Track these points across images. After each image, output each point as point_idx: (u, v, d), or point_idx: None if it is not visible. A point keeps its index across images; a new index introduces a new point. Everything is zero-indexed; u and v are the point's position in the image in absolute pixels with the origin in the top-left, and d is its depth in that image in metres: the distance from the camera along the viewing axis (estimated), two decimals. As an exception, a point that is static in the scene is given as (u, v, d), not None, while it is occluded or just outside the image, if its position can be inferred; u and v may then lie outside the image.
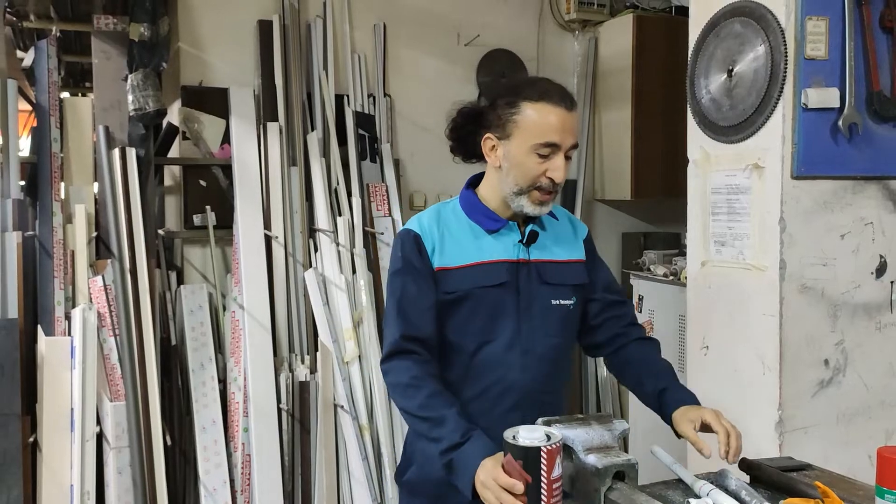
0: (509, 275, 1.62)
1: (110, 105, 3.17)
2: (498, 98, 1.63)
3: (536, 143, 1.56)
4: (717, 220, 2.34)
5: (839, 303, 2.20)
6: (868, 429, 2.24)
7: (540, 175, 1.58)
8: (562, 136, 1.56)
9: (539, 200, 1.60)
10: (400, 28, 3.73)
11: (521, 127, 1.58)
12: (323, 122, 3.47)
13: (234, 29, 3.42)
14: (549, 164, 1.57)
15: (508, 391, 1.61)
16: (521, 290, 1.63)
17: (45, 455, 2.72)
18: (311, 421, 3.14)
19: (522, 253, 1.65)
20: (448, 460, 1.47)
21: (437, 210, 1.70)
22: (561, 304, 1.66)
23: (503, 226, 1.65)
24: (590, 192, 4.09)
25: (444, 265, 1.61)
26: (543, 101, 1.57)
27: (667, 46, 3.68)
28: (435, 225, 1.65)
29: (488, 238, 1.64)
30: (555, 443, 1.26)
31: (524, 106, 1.58)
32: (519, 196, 1.60)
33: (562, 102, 1.58)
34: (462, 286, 1.60)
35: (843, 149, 2.15)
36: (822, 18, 2.09)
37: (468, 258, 1.62)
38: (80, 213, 2.96)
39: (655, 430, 3.32)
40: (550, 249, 1.68)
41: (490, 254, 1.63)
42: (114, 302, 2.88)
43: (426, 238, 1.63)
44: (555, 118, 1.56)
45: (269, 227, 3.25)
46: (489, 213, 1.66)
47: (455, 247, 1.63)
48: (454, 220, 1.67)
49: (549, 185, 1.59)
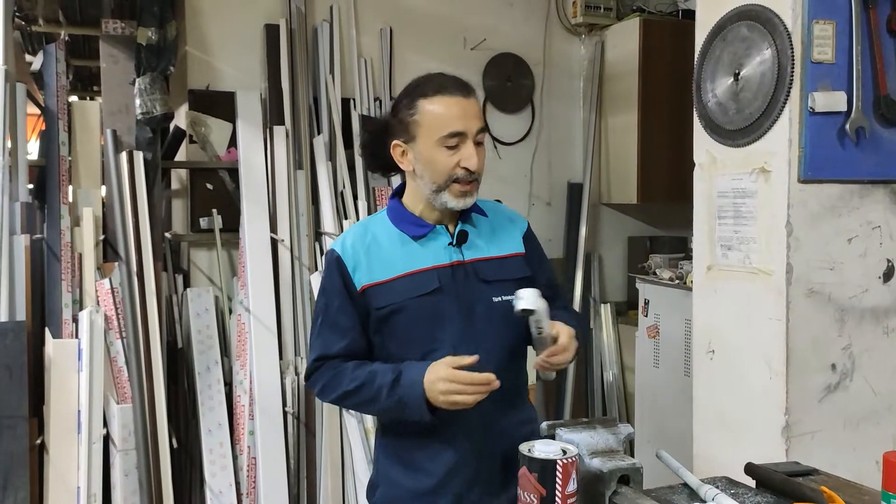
0: (443, 280, 1.59)
1: (118, 109, 3.18)
2: (397, 104, 1.63)
3: (441, 136, 1.54)
4: (723, 223, 2.34)
5: (846, 307, 2.19)
6: (875, 434, 2.23)
7: (454, 167, 1.55)
8: (465, 123, 1.55)
9: (460, 192, 1.58)
10: (406, 32, 3.74)
11: (423, 125, 1.56)
12: (329, 125, 3.48)
13: (241, 33, 3.43)
14: (460, 153, 1.55)
15: None
16: (460, 292, 1.60)
17: (52, 457, 2.72)
18: (316, 424, 3.14)
19: (455, 255, 1.61)
20: (395, 401, 1.51)
21: (365, 225, 1.69)
22: (503, 301, 1.61)
23: (430, 230, 1.62)
24: (596, 196, 4.08)
25: (372, 281, 1.59)
26: (439, 94, 1.56)
27: (673, 50, 3.68)
28: (360, 241, 1.63)
29: (416, 246, 1.61)
30: (571, 457, 1.25)
31: (421, 104, 1.57)
32: (439, 193, 1.58)
33: (458, 91, 1.57)
34: (393, 299, 1.57)
35: (851, 153, 2.14)
36: (829, 22, 2.09)
37: (397, 270, 1.59)
38: (88, 217, 2.97)
39: (660, 435, 3.32)
40: (485, 247, 1.65)
41: (420, 262, 1.60)
42: (121, 305, 2.89)
43: (347, 258, 1.61)
44: (455, 107, 1.55)
45: (275, 231, 3.26)
46: (415, 219, 1.64)
47: (383, 260, 1.60)
48: (382, 232, 1.64)
49: (465, 175, 1.56)
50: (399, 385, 1.51)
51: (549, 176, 4.09)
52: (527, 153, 4.04)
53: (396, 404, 1.52)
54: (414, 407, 1.49)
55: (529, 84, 4.01)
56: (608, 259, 4.17)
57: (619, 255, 4.19)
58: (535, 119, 4.05)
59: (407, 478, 1.62)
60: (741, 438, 2.27)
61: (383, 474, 1.68)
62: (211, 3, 3.40)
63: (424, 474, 1.61)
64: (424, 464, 1.61)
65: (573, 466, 1.25)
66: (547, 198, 4.10)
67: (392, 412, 1.57)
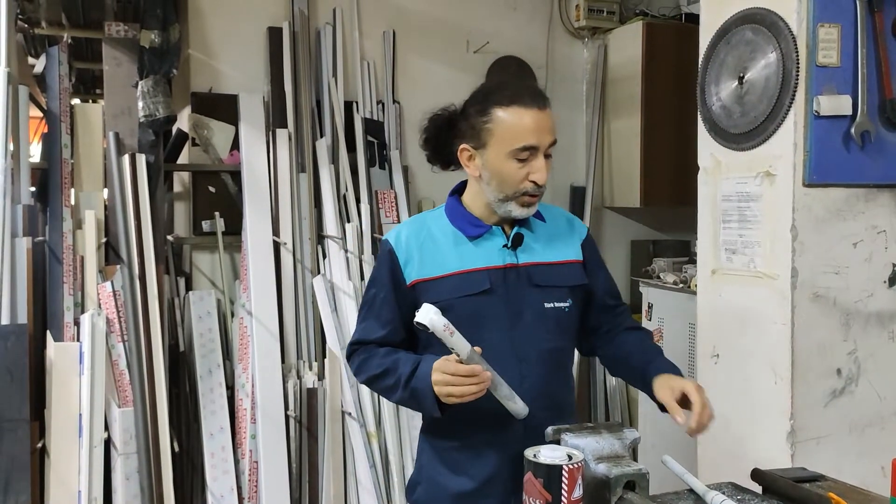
0: (494, 281, 1.58)
1: (120, 111, 3.17)
2: (468, 106, 1.60)
3: (514, 149, 1.53)
4: (727, 227, 2.33)
5: (851, 311, 2.18)
6: (881, 439, 2.22)
7: (522, 180, 1.54)
8: (538, 137, 1.53)
9: (526, 203, 1.58)
10: (409, 35, 3.74)
11: (495, 134, 1.54)
12: (332, 128, 3.47)
13: (243, 36, 3.43)
14: (530, 167, 1.54)
15: None
16: (510, 295, 1.59)
17: (53, 461, 2.72)
18: (318, 428, 3.13)
19: (510, 257, 1.60)
20: (409, 392, 1.52)
21: (422, 219, 1.68)
22: (555, 307, 1.61)
23: (486, 231, 1.62)
24: (599, 200, 4.08)
25: (423, 277, 1.59)
26: (515, 105, 1.53)
27: (676, 53, 3.67)
28: (415, 236, 1.63)
29: (470, 245, 1.61)
30: (577, 462, 1.24)
31: (496, 112, 1.54)
32: (505, 202, 1.57)
33: (534, 103, 1.54)
34: (442, 296, 1.55)
35: (856, 156, 2.13)
36: (834, 25, 2.08)
37: (449, 267, 1.59)
38: (90, 219, 2.97)
39: (666, 440, 3.31)
40: (541, 251, 1.64)
41: (472, 262, 1.59)
42: (122, 308, 2.88)
43: (400, 252, 1.61)
44: (529, 120, 1.52)
45: (277, 234, 3.25)
46: (473, 219, 1.63)
47: (436, 257, 1.60)
48: (437, 228, 1.64)
49: (533, 189, 1.56)
50: (414, 377, 1.51)
51: (552, 179, 3.98)
52: (530, 156, 4.02)
53: (411, 396, 1.53)
54: (425, 400, 1.49)
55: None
56: (611, 263, 4.11)
57: (623, 258, 4.18)
58: (537, 122, 4.03)
59: (449, 479, 1.62)
60: (746, 444, 2.26)
61: (426, 474, 1.67)
62: (214, 6, 3.40)
63: (467, 477, 1.61)
64: (467, 467, 1.61)
65: (579, 472, 1.24)
66: (550, 201, 4.07)
67: (409, 403, 1.58)
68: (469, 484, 1.60)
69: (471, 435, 1.59)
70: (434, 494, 1.65)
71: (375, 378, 1.61)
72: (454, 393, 1.42)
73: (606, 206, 4.12)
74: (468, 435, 1.59)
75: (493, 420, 1.56)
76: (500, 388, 1.47)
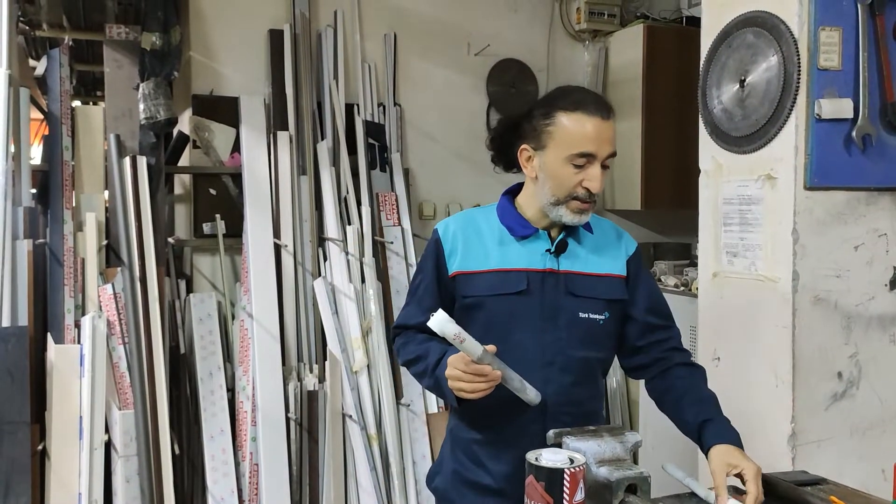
0: (532, 284, 1.59)
1: (121, 114, 3.18)
2: (534, 109, 1.62)
3: (572, 154, 1.54)
4: (728, 230, 2.33)
5: (853, 315, 2.18)
6: (882, 442, 2.22)
7: (576, 185, 1.56)
8: (597, 146, 1.55)
9: (578, 209, 1.58)
10: (410, 38, 3.74)
11: (555, 137, 1.56)
12: (333, 131, 3.47)
13: (245, 38, 3.43)
14: (585, 174, 1.55)
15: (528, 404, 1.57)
16: (546, 300, 1.60)
17: (53, 463, 2.72)
18: (319, 430, 3.13)
19: (550, 262, 1.61)
20: (434, 381, 1.56)
21: (473, 214, 1.72)
22: (590, 318, 1.61)
23: (533, 233, 1.63)
24: (600, 202, 4.08)
25: (463, 269, 1.63)
26: (579, 111, 1.55)
27: (677, 56, 3.68)
28: (462, 229, 1.66)
29: (515, 245, 1.63)
30: (579, 465, 1.24)
31: (559, 116, 1.56)
32: (557, 206, 1.59)
33: (598, 112, 1.56)
34: (479, 291, 1.61)
35: (857, 160, 2.13)
36: (835, 29, 2.08)
37: (489, 264, 1.61)
38: (91, 221, 2.97)
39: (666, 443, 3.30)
40: (583, 261, 1.64)
41: (514, 261, 1.61)
42: (123, 310, 2.88)
43: (446, 242, 1.65)
44: (590, 127, 1.54)
45: (278, 236, 3.25)
46: (522, 220, 1.65)
47: (479, 252, 1.63)
48: (486, 224, 1.67)
49: (585, 195, 1.57)
50: (439, 366, 1.54)
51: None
52: (530, 159, 4.03)
53: (435, 384, 1.57)
54: (444, 390, 1.52)
55: (533, 90, 4.00)
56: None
57: (623, 261, 4.18)
58: (538, 125, 4.04)
59: (469, 470, 1.66)
60: (747, 447, 2.24)
61: (446, 465, 1.71)
62: (215, 9, 3.40)
63: (486, 473, 1.63)
64: (488, 463, 1.63)
65: (581, 475, 1.24)
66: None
67: (434, 390, 1.62)
68: (487, 478, 1.63)
69: (492, 432, 1.62)
70: (453, 483, 1.68)
71: (410, 363, 1.66)
72: (464, 389, 1.45)
73: (607, 209, 4.12)
74: (490, 432, 1.62)
75: (512, 420, 1.58)
76: (512, 382, 1.48)
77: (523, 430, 1.58)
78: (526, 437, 1.57)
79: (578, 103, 1.56)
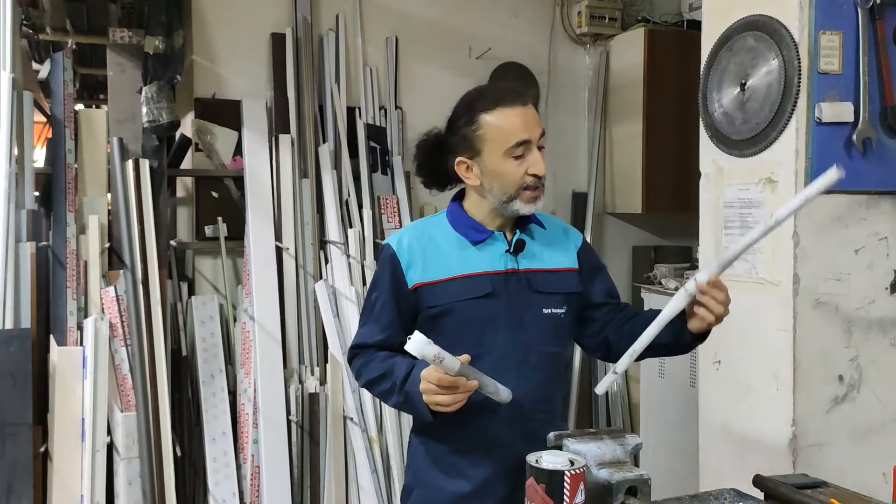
0: (496, 285, 1.60)
1: (124, 117, 3.20)
2: (454, 122, 1.64)
3: (508, 148, 1.56)
4: (729, 234, 2.33)
5: (853, 318, 2.18)
6: (883, 445, 2.22)
7: (523, 175, 1.58)
8: (528, 131, 1.57)
9: (531, 198, 1.60)
10: (412, 41, 3.75)
11: (488, 139, 1.58)
12: (335, 134, 3.48)
13: (247, 42, 3.44)
14: (527, 161, 1.57)
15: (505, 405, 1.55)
16: (512, 300, 1.61)
17: (55, 465, 2.72)
18: (320, 433, 3.13)
19: (511, 262, 1.63)
20: (403, 397, 1.53)
21: (424, 224, 1.71)
22: (553, 313, 1.64)
23: (489, 236, 1.64)
24: (601, 206, 4.08)
25: (426, 280, 1.61)
26: (499, 107, 1.58)
27: (678, 60, 3.68)
28: (417, 240, 1.65)
29: (473, 250, 1.63)
30: (579, 468, 1.25)
31: (483, 118, 1.58)
32: (510, 202, 1.60)
33: (516, 100, 1.59)
34: (445, 299, 1.59)
35: (857, 163, 2.14)
36: (835, 33, 2.09)
37: (451, 271, 1.61)
38: (94, 224, 2.97)
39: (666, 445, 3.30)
40: (541, 258, 1.66)
41: (475, 266, 1.61)
42: (125, 312, 2.89)
43: (402, 256, 1.63)
44: (516, 117, 1.57)
45: (280, 239, 3.26)
46: (475, 224, 1.65)
47: (439, 261, 1.62)
48: (440, 233, 1.66)
49: (534, 182, 1.59)
50: (408, 381, 1.52)
51: (553, 185, 4.09)
52: (532, 162, 4.03)
53: (405, 400, 1.54)
54: (417, 405, 1.50)
55: (534, 93, 4.00)
56: (613, 269, 4.09)
57: (624, 264, 4.18)
58: (539, 128, 4.04)
59: (445, 482, 1.63)
60: (748, 450, 2.26)
61: (420, 478, 1.68)
62: (218, 13, 3.41)
63: (463, 479, 1.62)
64: (463, 469, 1.62)
65: (581, 477, 1.25)
66: (552, 207, 4.09)
67: (404, 407, 1.59)
68: (466, 486, 1.61)
69: (466, 438, 1.60)
70: (430, 498, 1.65)
71: (373, 382, 1.62)
72: (441, 402, 1.43)
73: (608, 213, 4.12)
74: (463, 438, 1.61)
75: (489, 423, 1.57)
76: (487, 387, 1.47)
77: (501, 433, 1.58)
78: (505, 439, 1.58)
79: (496, 100, 1.59)
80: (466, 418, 1.55)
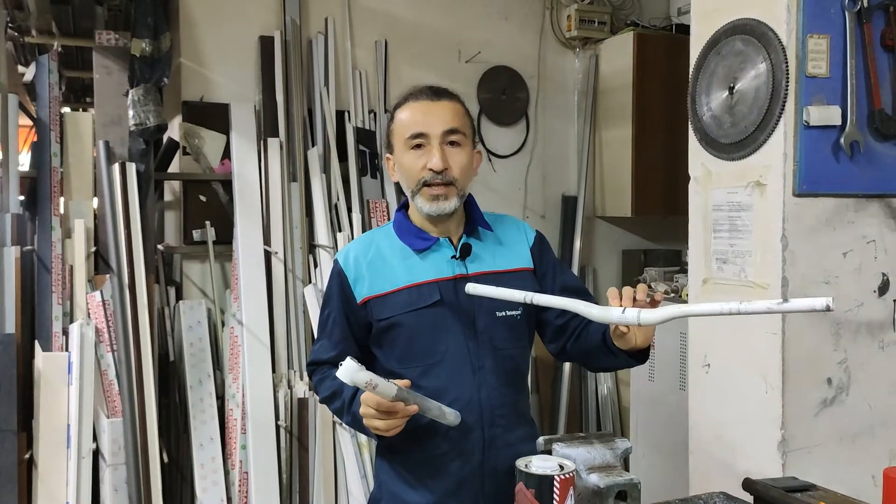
0: (445, 293, 1.58)
1: (111, 120, 3.17)
2: None
3: (405, 139, 1.59)
4: (718, 237, 2.33)
5: (842, 321, 2.19)
6: (872, 448, 2.22)
7: (421, 169, 1.57)
8: (426, 125, 1.58)
9: (431, 196, 1.57)
10: (401, 45, 3.75)
11: (395, 133, 1.63)
12: (324, 137, 3.47)
13: (235, 45, 3.43)
14: (425, 156, 1.57)
15: (465, 411, 1.54)
16: (462, 306, 1.58)
17: (41, 472, 2.69)
18: (309, 438, 3.12)
19: (459, 268, 1.60)
20: (352, 416, 1.53)
21: (371, 237, 1.69)
22: (507, 316, 1.61)
23: (433, 243, 1.62)
24: (590, 209, 4.09)
25: (374, 293, 1.60)
26: (408, 101, 1.62)
27: (667, 64, 3.70)
28: (363, 254, 1.63)
29: (418, 259, 1.61)
30: (568, 472, 1.24)
31: (396, 114, 1.64)
32: (415, 199, 1.59)
33: (424, 96, 1.62)
34: (394, 311, 1.57)
35: (845, 167, 2.14)
36: (823, 36, 2.09)
37: (398, 282, 1.59)
38: (80, 228, 2.95)
39: (655, 449, 3.30)
40: (490, 261, 1.63)
41: (422, 274, 1.59)
42: (112, 317, 2.87)
43: (349, 271, 1.62)
44: (417, 110, 1.60)
45: (268, 243, 3.24)
46: (419, 232, 1.63)
47: (385, 273, 1.60)
48: (386, 244, 1.65)
49: (432, 177, 1.56)
50: (354, 401, 1.51)
51: (543, 189, 4.10)
52: (521, 166, 4.04)
53: (353, 420, 1.53)
54: (363, 427, 1.47)
55: (524, 97, 4.01)
56: (603, 272, 4.16)
57: (614, 268, 4.19)
58: (529, 132, 4.05)
59: (409, 493, 1.61)
60: (737, 453, 2.26)
61: (386, 489, 1.66)
62: (205, 15, 3.40)
63: (428, 490, 1.59)
64: (427, 480, 1.59)
65: (571, 482, 1.24)
66: (541, 211, 4.10)
67: (354, 427, 1.57)
68: (430, 497, 1.59)
69: (429, 448, 1.58)
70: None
71: (327, 399, 1.62)
72: (379, 427, 1.41)
73: (598, 216, 4.13)
74: (426, 448, 1.58)
75: (448, 433, 1.54)
76: (430, 411, 1.44)
77: (461, 441, 1.56)
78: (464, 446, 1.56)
79: (408, 96, 1.64)
80: (428, 430, 1.54)
